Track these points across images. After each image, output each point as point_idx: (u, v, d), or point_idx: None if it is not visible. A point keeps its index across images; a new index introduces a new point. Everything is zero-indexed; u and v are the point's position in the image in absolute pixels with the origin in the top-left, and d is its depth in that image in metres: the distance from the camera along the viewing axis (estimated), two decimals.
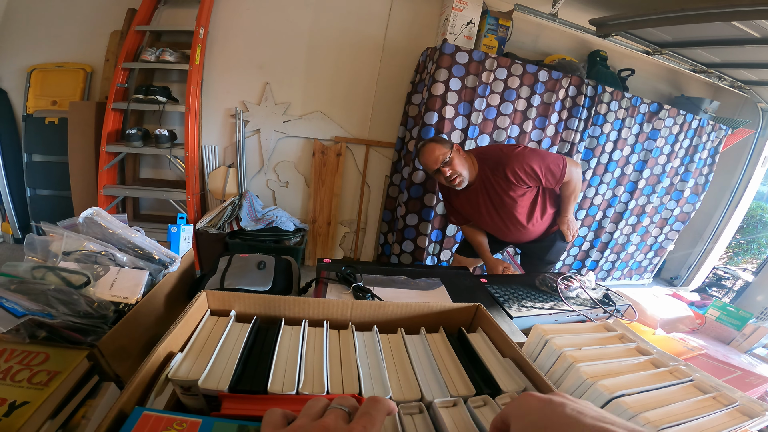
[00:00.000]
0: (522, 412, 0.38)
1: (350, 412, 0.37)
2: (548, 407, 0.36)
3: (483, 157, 1.73)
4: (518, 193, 1.69)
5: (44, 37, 2.69)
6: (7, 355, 0.59)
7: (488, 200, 1.75)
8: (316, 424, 0.34)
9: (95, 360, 0.62)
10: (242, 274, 0.99)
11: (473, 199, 1.78)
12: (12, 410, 0.50)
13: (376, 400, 0.39)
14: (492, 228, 1.87)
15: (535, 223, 1.80)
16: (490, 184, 1.70)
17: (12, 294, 0.64)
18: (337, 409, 0.37)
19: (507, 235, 1.86)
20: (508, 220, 1.78)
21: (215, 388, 0.50)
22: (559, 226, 1.83)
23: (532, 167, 1.61)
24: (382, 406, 0.38)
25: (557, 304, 1.17)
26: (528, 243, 1.94)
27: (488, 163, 1.70)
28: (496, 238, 1.95)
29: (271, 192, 3.14)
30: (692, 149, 3.11)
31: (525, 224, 1.79)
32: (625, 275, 3.64)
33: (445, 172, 1.63)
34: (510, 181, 1.64)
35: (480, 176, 1.72)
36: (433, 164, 1.64)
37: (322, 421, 0.35)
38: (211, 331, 0.62)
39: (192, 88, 2.52)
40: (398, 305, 0.70)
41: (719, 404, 0.65)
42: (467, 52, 2.32)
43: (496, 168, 1.67)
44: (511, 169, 1.62)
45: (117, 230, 0.85)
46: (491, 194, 1.72)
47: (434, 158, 1.63)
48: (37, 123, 2.75)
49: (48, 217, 0.88)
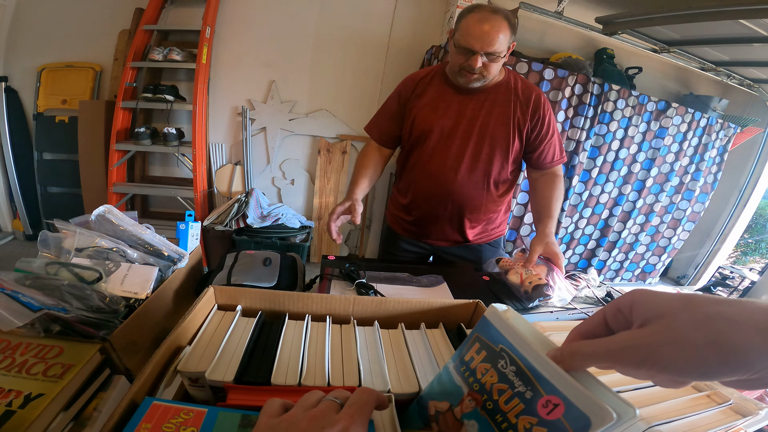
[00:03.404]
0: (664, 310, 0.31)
1: (342, 403, 0.38)
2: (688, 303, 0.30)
3: (516, 75, 1.34)
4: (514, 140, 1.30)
5: (54, 36, 2.74)
6: (23, 348, 0.60)
7: (475, 121, 1.29)
8: (306, 414, 0.36)
9: (107, 354, 0.64)
10: (248, 270, 1.01)
11: (453, 106, 1.30)
12: (27, 402, 0.51)
13: (366, 391, 0.40)
14: (435, 161, 1.34)
15: (489, 188, 1.37)
16: (500, 103, 1.28)
17: (27, 289, 0.66)
18: (329, 400, 0.38)
19: (444, 181, 1.34)
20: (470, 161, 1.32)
21: (221, 379, 0.52)
22: (531, 245, 1.24)
23: (553, 121, 1.32)
24: (371, 397, 0.39)
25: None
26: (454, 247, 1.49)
27: (521, 80, 1.32)
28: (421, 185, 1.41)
29: (277, 189, 3.17)
30: (701, 148, 3.08)
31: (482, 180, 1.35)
32: (637, 277, 3.61)
33: (476, 63, 1.15)
34: (526, 115, 1.28)
35: (496, 89, 1.29)
36: (479, 43, 1.13)
37: (313, 411, 0.36)
38: (218, 325, 0.64)
39: (199, 87, 2.56)
40: (399, 301, 0.71)
41: (713, 402, 0.66)
42: None
43: (526, 89, 1.29)
44: (543, 102, 1.29)
45: (128, 227, 0.88)
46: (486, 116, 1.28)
47: (489, 40, 1.12)
48: (48, 121, 2.81)
49: (58, 214, 0.91)
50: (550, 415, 0.34)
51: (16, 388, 0.53)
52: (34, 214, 3.03)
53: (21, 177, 2.89)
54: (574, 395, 0.32)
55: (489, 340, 0.42)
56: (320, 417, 0.35)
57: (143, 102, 2.59)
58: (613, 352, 0.32)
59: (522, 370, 0.38)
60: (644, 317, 0.32)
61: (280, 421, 0.36)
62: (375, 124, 1.46)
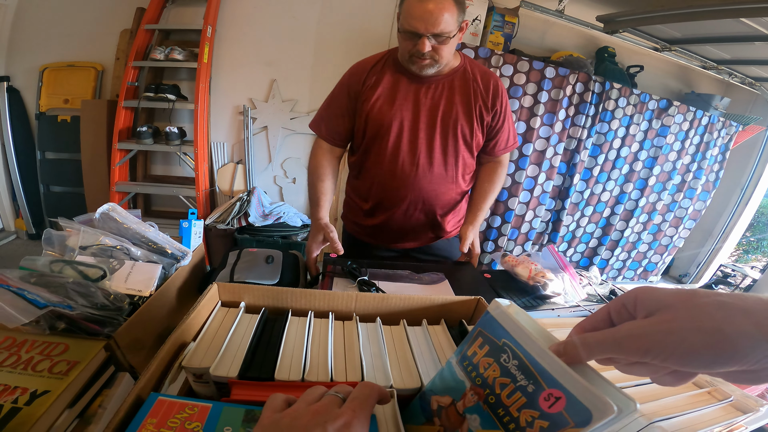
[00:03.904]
0: (670, 300, 0.32)
1: (344, 398, 0.39)
2: (689, 296, 0.32)
3: (471, 61, 1.25)
4: (477, 130, 1.23)
5: (55, 36, 2.75)
6: (28, 345, 0.60)
7: (436, 111, 1.20)
8: (309, 408, 0.36)
9: (111, 351, 0.64)
10: (251, 267, 1.01)
11: (410, 97, 1.20)
12: (33, 399, 0.51)
13: (368, 385, 0.40)
14: (401, 158, 1.22)
15: (458, 180, 1.30)
16: (459, 90, 1.20)
17: (33, 286, 0.66)
18: (332, 395, 0.39)
19: (413, 179, 1.24)
20: (440, 154, 1.24)
21: (225, 375, 0.53)
22: (464, 231, 1.24)
23: (509, 109, 1.29)
24: (372, 391, 0.40)
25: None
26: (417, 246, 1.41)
27: (477, 67, 1.24)
28: (386, 186, 1.28)
29: (278, 188, 3.17)
30: (703, 146, 3.07)
31: (453, 173, 1.28)
32: (639, 276, 3.61)
33: (424, 47, 1.06)
34: (487, 104, 1.21)
35: (452, 75, 1.21)
36: (423, 25, 1.03)
37: (315, 405, 0.37)
38: (222, 321, 0.65)
39: (201, 86, 2.56)
40: (401, 298, 0.72)
41: (714, 399, 0.66)
42: (473, 49, 2.32)
43: (484, 76, 1.22)
44: (502, 90, 1.23)
45: (131, 225, 0.88)
46: (447, 105, 1.20)
47: (433, 20, 1.02)
48: (50, 121, 2.82)
49: (61, 213, 0.91)
50: (552, 409, 0.34)
51: (22, 385, 0.53)
52: (36, 213, 3.04)
53: (24, 176, 2.91)
54: (576, 389, 0.33)
55: (492, 335, 0.43)
56: (323, 411, 0.36)
57: (145, 101, 2.60)
58: (619, 339, 0.33)
59: (524, 363, 0.38)
60: (648, 309, 0.33)
61: (283, 415, 0.36)
62: (323, 122, 1.30)
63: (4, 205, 3.00)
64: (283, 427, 0.35)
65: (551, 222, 3.04)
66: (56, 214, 0.91)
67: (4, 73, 2.73)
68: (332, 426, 0.34)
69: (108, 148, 2.66)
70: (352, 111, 1.25)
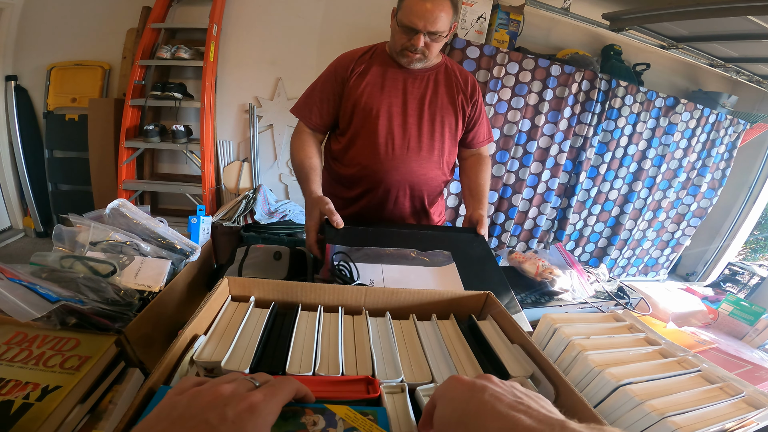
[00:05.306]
0: (447, 395, 0.39)
1: (260, 385, 0.38)
2: (469, 392, 0.37)
3: (449, 59, 1.34)
4: (459, 122, 1.30)
5: (62, 35, 2.76)
6: (39, 341, 0.60)
7: (424, 99, 1.26)
8: (212, 389, 0.35)
9: (121, 346, 0.64)
10: (259, 263, 1.02)
11: (398, 85, 1.25)
12: (45, 394, 0.51)
13: (287, 378, 0.40)
14: (390, 142, 1.25)
15: (443, 167, 1.34)
16: (443, 84, 1.28)
17: (44, 281, 0.66)
18: (244, 380, 0.37)
19: (403, 163, 1.26)
20: (427, 140, 1.28)
21: (237, 369, 0.53)
22: (478, 215, 1.22)
23: (482, 103, 1.36)
24: (291, 383, 0.39)
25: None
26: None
27: (455, 64, 1.33)
28: (374, 170, 1.28)
29: (284, 186, 3.18)
30: (709, 144, 3.06)
31: (438, 160, 1.31)
32: (640, 272, 3.60)
33: (419, 42, 1.14)
34: (467, 97, 1.30)
35: (436, 70, 1.28)
36: (422, 22, 1.10)
37: (220, 387, 0.35)
38: (232, 315, 0.65)
39: (207, 85, 2.57)
40: (410, 292, 0.72)
41: (725, 394, 0.66)
42: (478, 46, 2.32)
43: (462, 73, 1.32)
44: (477, 86, 1.32)
45: (141, 221, 0.89)
46: (433, 95, 1.27)
47: (432, 18, 1.09)
48: (58, 120, 2.83)
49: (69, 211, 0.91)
50: None
51: (34, 381, 0.53)
52: (44, 211, 3.06)
53: (32, 175, 2.93)
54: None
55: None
56: (227, 394, 0.34)
57: (152, 100, 2.61)
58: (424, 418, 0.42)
59: None
60: (434, 396, 0.41)
61: (183, 396, 0.34)
62: (307, 107, 1.29)
63: (13, 203, 3.03)
64: (179, 407, 0.33)
65: (557, 220, 3.03)
66: (64, 213, 0.91)
67: (12, 73, 2.75)
68: (232, 409, 0.32)
69: (115, 146, 2.68)
70: (338, 97, 1.28)
